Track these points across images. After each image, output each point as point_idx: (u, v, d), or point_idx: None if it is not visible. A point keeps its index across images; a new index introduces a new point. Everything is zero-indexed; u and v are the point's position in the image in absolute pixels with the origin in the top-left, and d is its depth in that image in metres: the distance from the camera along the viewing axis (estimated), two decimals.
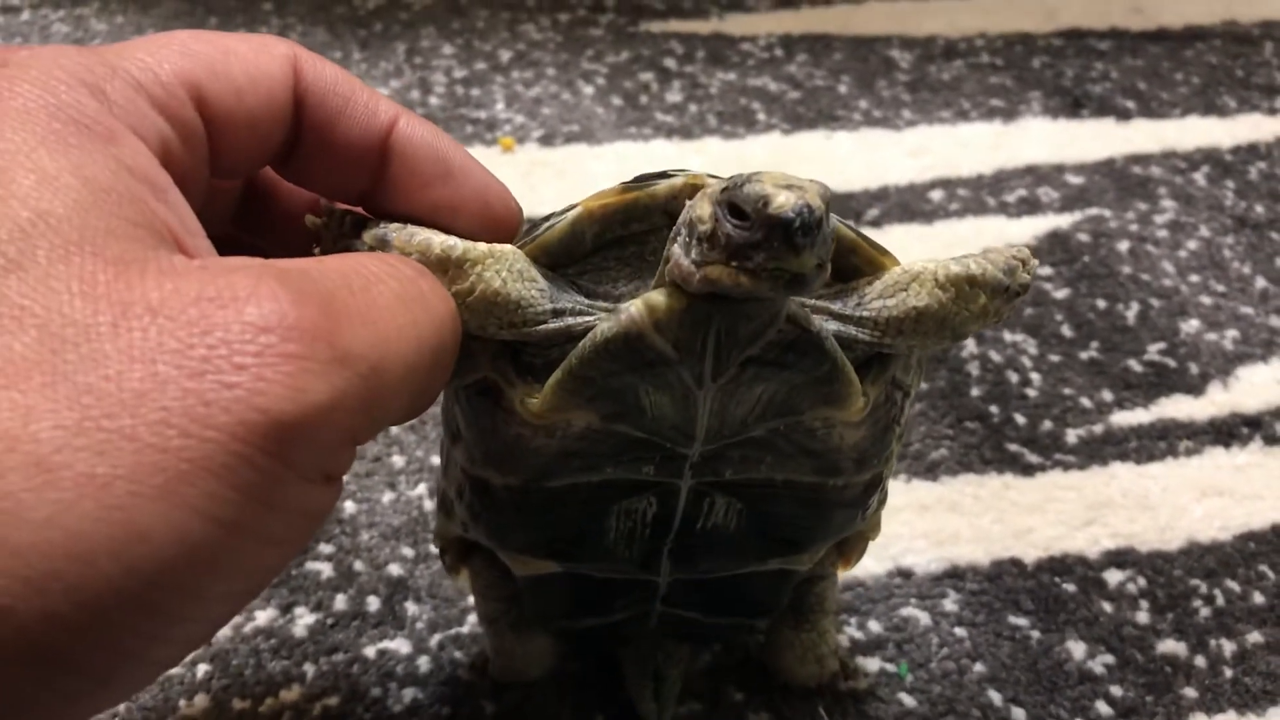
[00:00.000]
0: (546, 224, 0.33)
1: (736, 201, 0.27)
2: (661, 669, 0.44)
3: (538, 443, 0.33)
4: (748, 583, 0.39)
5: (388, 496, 0.51)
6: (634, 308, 0.30)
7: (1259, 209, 0.70)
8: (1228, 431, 0.56)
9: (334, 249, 0.32)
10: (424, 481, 0.52)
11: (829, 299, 0.32)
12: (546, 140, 0.75)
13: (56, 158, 0.23)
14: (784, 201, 0.26)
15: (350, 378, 0.23)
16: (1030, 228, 0.68)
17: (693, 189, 0.32)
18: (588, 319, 0.31)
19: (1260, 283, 0.64)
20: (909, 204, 0.70)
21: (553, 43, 0.85)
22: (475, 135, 0.75)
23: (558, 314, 0.31)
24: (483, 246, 0.31)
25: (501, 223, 0.33)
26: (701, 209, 0.28)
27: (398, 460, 0.53)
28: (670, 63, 0.83)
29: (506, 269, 0.31)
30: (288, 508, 0.23)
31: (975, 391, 0.57)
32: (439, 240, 0.30)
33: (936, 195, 0.70)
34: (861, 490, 0.36)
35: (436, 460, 0.53)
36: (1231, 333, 0.61)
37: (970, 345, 0.59)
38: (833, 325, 0.32)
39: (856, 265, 0.33)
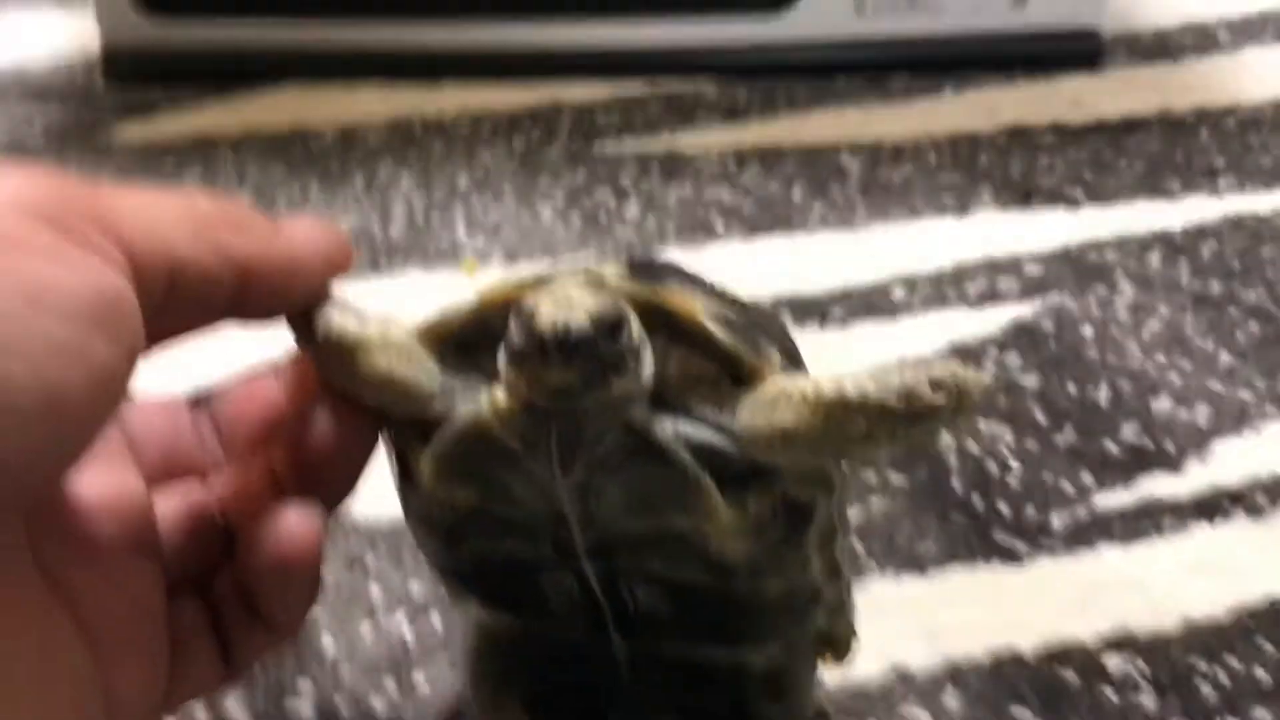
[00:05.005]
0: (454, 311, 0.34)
1: (518, 311, 0.28)
2: None
3: (436, 510, 0.34)
4: (709, 667, 0.38)
5: (365, 626, 0.50)
6: (483, 400, 0.30)
7: (1215, 286, 0.71)
8: (1211, 506, 0.55)
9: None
10: (401, 608, 0.50)
11: (712, 407, 0.31)
12: (510, 260, 0.75)
13: None
14: (543, 317, 0.27)
15: None
16: (994, 318, 0.68)
17: (597, 281, 0.32)
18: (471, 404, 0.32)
19: (1225, 358, 0.65)
20: (873, 302, 0.70)
21: (509, 168, 0.86)
22: (438, 259, 0.75)
23: (445, 395, 0.32)
24: (374, 330, 0.32)
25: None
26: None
27: (375, 590, 0.51)
28: (626, 181, 0.84)
29: (395, 352, 0.32)
30: None
31: (956, 483, 0.57)
32: (337, 322, 0.32)
33: (899, 293, 0.71)
34: (782, 598, 0.35)
35: (415, 588, 0.51)
36: (1203, 408, 0.61)
37: (946, 437, 0.59)
38: (706, 434, 0.31)
39: (744, 376, 0.32)
